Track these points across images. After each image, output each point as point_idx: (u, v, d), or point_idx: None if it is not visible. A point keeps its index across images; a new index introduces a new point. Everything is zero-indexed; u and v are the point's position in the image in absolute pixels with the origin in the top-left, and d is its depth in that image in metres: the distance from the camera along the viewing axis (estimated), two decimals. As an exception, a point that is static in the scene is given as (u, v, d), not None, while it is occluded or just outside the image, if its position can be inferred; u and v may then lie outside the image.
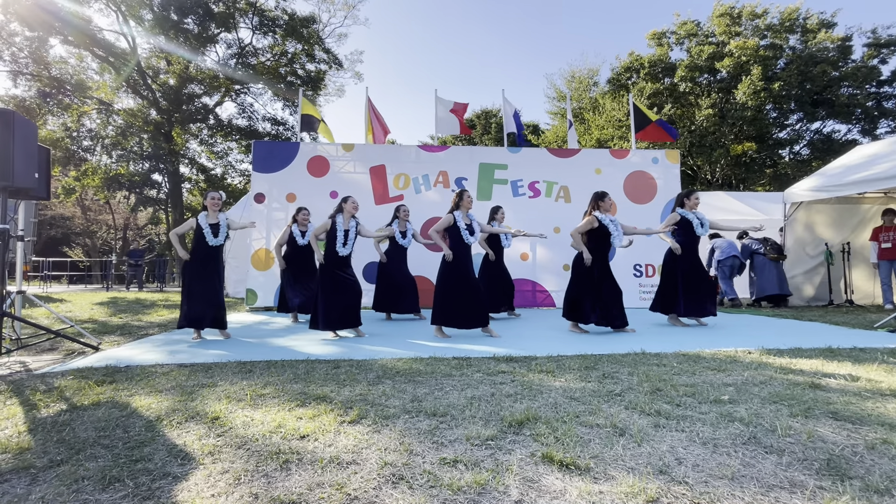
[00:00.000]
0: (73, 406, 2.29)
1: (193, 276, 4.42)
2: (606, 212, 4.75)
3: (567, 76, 24.32)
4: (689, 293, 5.06)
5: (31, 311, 6.25)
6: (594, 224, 4.66)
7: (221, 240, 4.44)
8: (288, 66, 19.29)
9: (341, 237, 4.50)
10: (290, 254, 5.63)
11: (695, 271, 5.11)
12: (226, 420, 2.07)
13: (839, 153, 11.46)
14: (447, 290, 4.48)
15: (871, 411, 2.13)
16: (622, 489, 1.43)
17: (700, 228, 5.06)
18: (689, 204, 5.15)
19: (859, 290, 7.63)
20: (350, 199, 4.66)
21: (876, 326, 4.94)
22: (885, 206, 7.17)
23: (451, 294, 4.45)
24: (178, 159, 18.71)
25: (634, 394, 2.42)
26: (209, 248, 4.38)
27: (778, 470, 1.56)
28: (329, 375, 2.88)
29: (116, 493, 1.43)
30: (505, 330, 4.87)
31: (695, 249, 5.17)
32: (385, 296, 5.94)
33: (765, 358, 3.29)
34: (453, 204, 4.63)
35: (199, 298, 4.37)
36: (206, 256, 4.41)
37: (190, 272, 4.45)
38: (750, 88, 16.59)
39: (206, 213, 4.45)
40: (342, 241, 4.51)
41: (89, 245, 26.83)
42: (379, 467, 1.59)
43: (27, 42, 15.54)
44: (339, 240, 4.50)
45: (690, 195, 5.18)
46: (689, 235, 5.11)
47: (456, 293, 4.45)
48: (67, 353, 3.79)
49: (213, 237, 4.36)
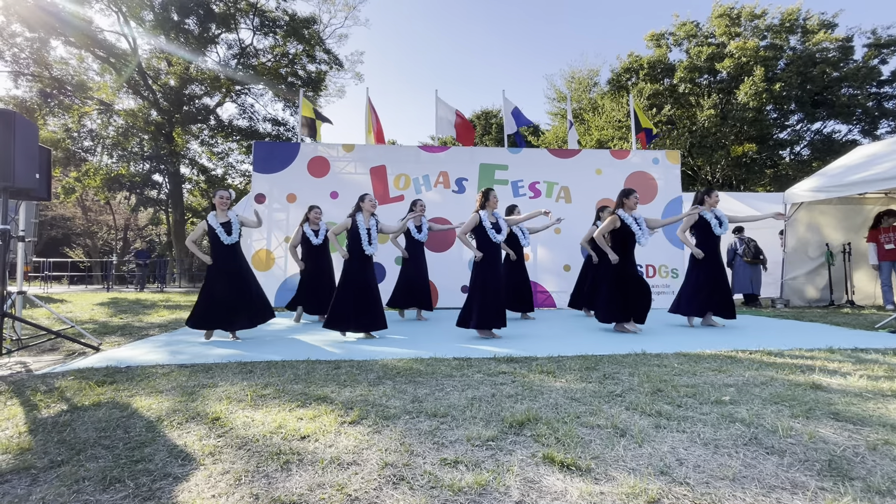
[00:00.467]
0: (74, 406, 2.29)
1: (216, 279, 4.33)
2: (631, 210, 4.68)
3: (567, 77, 24.35)
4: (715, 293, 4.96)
5: (31, 312, 6.25)
6: (616, 224, 4.61)
7: (236, 237, 4.37)
8: (289, 66, 19.31)
9: (365, 236, 4.44)
10: (304, 254, 5.62)
11: (719, 271, 5.00)
12: (226, 421, 2.07)
13: (839, 154, 11.46)
14: (485, 292, 4.39)
15: (872, 412, 2.12)
16: (623, 490, 1.43)
17: (718, 228, 4.95)
18: (709, 202, 5.01)
19: (860, 291, 7.63)
20: (368, 196, 4.58)
21: (877, 327, 4.94)
22: (885, 208, 7.16)
23: (488, 296, 4.38)
24: (178, 160, 18.73)
25: (635, 394, 2.41)
26: (225, 247, 4.32)
27: (779, 471, 1.56)
28: (330, 376, 2.87)
29: (117, 494, 1.43)
30: (507, 330, 4.87)
31: (716, 249, 5.05)
32: (401, 292, 5.88)
33: (766, 358, 3.29)
34: (479, 203, 4.54)
35: (222, 300, 4.28)
36: (225, 256, 4.34)
37: (211, 274, 4.36)
38: (752, 89, 16.58)
39: (216, 213, 4.38)
40: (367, 240, 4.45)
41: (90, 245, 26.84)
42: (380, 468, 1.59)
43: (28, 43, 15.57)
44: (364, 239, 4.43)
45: (710, 193, 5.04)
46: (708, 236, 5.00)
47: (491, 294, 4.39)
48: (68, 354, 3.79)
49: (226, 236, 4.30)
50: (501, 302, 4.45)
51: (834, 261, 7.43)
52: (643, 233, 4.64)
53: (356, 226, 4.46)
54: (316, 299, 5.53)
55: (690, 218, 5.03)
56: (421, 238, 5.82)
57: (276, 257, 7.38)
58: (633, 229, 4.59)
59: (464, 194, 7.65)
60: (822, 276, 7.53)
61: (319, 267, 5.60)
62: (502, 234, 4.51)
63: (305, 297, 5.61)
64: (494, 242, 4.46)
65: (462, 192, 7.66)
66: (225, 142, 20.06)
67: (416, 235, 5.78)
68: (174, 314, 6.77)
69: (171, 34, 16.27)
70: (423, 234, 5.81)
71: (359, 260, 4.47)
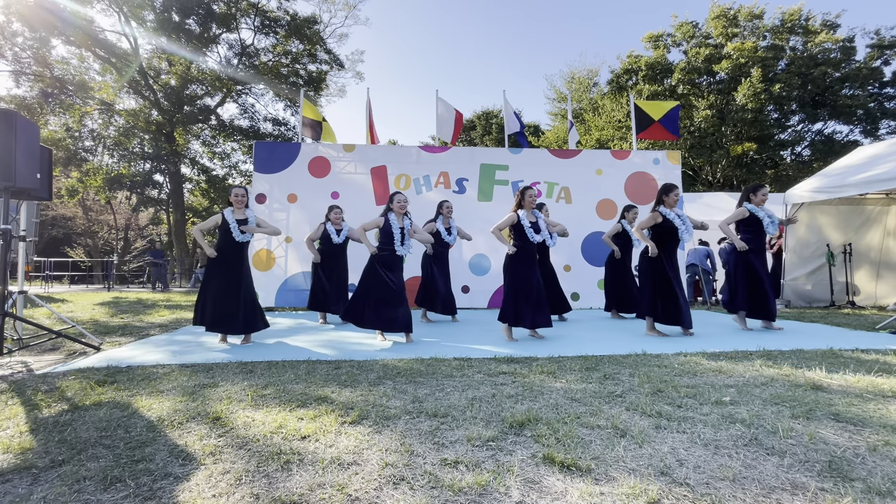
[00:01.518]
0: (75, 406, 2.30)
1: (213, 274, 4.21)
2: (671, 207, 4.56)
3: (567, 77, 24.37)
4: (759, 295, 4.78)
5: (32, 312, 6.26)
6: (657, 219, 4.50)
7: (249, 236, 4.27)
8: (290, 66, 19.32)
9: (398, 236, 4.30)
10: (322, 251, 5.61)
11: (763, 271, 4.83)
12: (227, 420, 2.07)
13: (840, 154, 11.45)
14: (517, 288, 4.33)
15: (872, 413, 2.12)
16: (623, 490, 1.43)
17: (771, 227, 4.73)
18: (755, 200, 4.82)
19: (861, 292, 7.62)
20: (398, 195, 4.41)
21: (878, 328, 4.93)
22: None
23: (520, 293, 4.31)
24: (179, 160, 18.75)
25: (635, 395, 2.41)
26: (234, 244, 4.20)
27: (779, 471, 1.56)
28: (330, 376, 2.88)
29: (118, 494, 1.43)
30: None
31: (763, 248, 4.87)
32: (426, 293, 5.78)
33: (766, 359, 3.29)
34: (516, 203, 4.46)
35: (218, 299, 4.15)
36: (230, 253, 4.22)
37: (210, 270, 4.24)
38: (750, 91, 16.58)
39: (232, 209, 4.26)
40: (399, 241, 4.31)
41: (90, 245, 26.86)
42: (380, 468, 1.59)
43: (29, 42, 15.58)
44: (397, 239, 4.29)
45: (758, 190, 4.84)
46: (758, 234, 4.81)
47: (525, 292, 4.31)
48: (69, 354, 3.80)
49: (240, 233, 4.18)
50: (542, 300, 4.34)
51: (835, 261, 7.42)
52: (687, 229, 4.49)
53: (389, 225, 4.32)
54: (329, 298, 5.52)
55: (740, 212, 4.87)
56: (450, 240, 5.71)
57: (277, 257, 7.38)
58: (676, 224, 4.44)
59: (464, 194, 7.65)
60: (823, 276, 7.53)
61: (336, 265, 5.59)
62: (541, 234, 4.41)
63: (324, 299, 5.58)
64: (532, 242, 4.36)
65: (463, 193, 7.66)
66: (226, 142, 20.07)
67: (445, 238, 5.67)
68: (175, 314, 6.77)
69: (171, 34, 16.28)
70: (452, 236, 5.71)
71: (382, 260, 4.32)
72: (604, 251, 7.67)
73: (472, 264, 7.49)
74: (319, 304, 5.62)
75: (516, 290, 4.33)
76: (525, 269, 4.36)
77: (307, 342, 4.30)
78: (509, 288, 4.37)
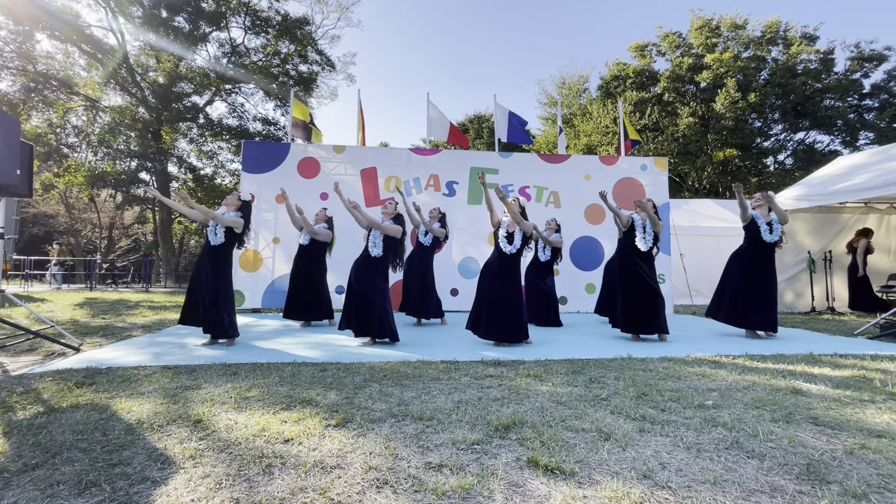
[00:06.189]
0: (51, 408, 2.24)
1: (194, 271, 4.26)
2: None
3: (558, 82, 24.60)
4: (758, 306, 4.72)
5: (10, 311, 6.09)
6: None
7: (222, 238, 4.17)
8: (280, 66, 19.18)
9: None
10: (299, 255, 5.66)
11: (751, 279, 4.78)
12: (209, 423, 2.04)
13: (821, 163, 11.72)
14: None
15: (850, 417, 2.17)
16: (606, 494, 1.44)
17: (768, 235, 4.69)
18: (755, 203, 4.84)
19: (840, 298, 7.78)
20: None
21: (856, 333, 5.05)
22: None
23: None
24: (166, 158, 18.46)
25: (620, 398, 2.43)
26: (210, 246, 4.16)
27: (759, 475, 1.58)
28: (315, 378, 2.85)
29: (93, 498, 1.40)
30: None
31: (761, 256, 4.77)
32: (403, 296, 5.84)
33: (748, 364, 3.34)
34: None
35: (192, 294, 4.19)
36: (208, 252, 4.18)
37: (195, 266, 4.31)
38: (727, 100, 17.00)
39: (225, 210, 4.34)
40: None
41: (73, 244, 26.29)
42: (363, 472, 1.58)
43: (13, 36, 15.24)
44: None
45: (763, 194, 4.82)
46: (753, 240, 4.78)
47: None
48: (47, 355, 3.70)
49: (213, 235, 4.15)
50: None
51: (815, 268, 7.58)
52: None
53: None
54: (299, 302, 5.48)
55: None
56: (425, 241, 5.70)
57: (264, 258, 7.30)
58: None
59: (454, 197, 7.66)
60: (803, 282, 7.68)
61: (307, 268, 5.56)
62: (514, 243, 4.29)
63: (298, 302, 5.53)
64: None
65: (453, 196, 7.67)
66: (214, 140, 19.82)
67: (422, 238, 5.72)
68: (158, 315, 6.65)
69: (160, 31, 16.07)
70: (428, 237, 5.71)
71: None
72: (593, 255, 7.75)
73: (461, 267, 7.49)
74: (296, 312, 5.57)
75: None
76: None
77: (293, 344, 4.26)
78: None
